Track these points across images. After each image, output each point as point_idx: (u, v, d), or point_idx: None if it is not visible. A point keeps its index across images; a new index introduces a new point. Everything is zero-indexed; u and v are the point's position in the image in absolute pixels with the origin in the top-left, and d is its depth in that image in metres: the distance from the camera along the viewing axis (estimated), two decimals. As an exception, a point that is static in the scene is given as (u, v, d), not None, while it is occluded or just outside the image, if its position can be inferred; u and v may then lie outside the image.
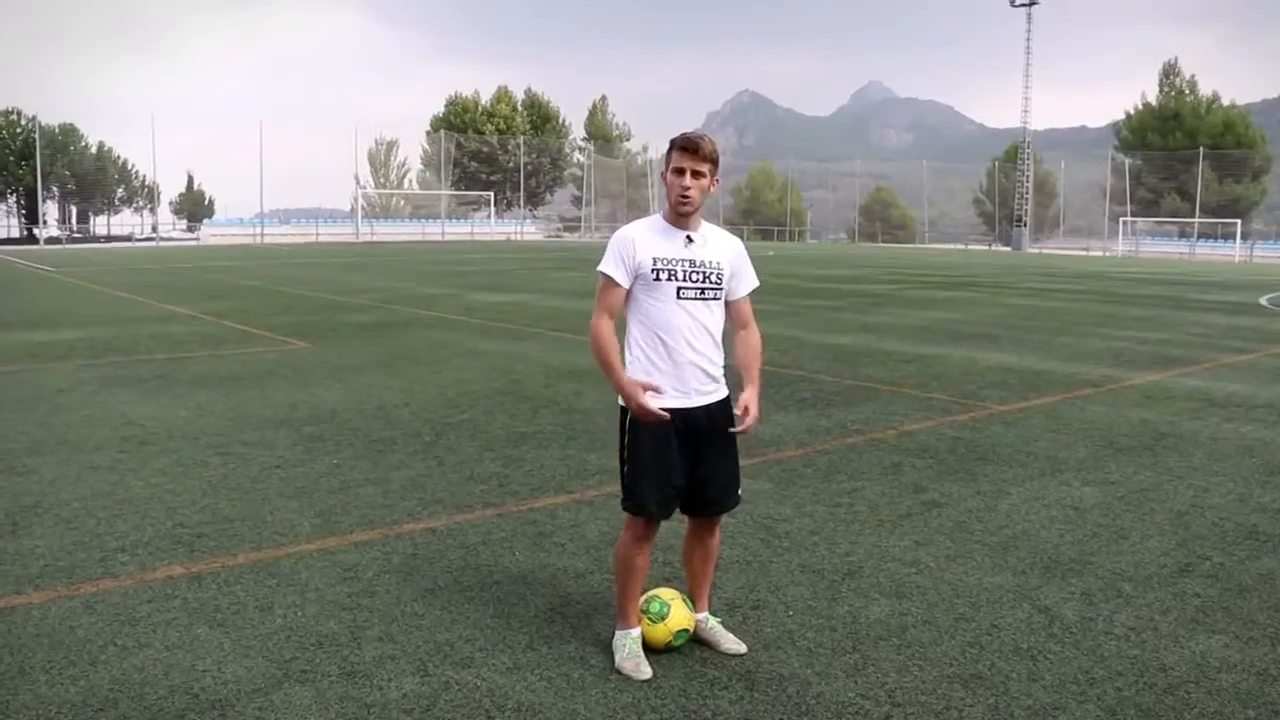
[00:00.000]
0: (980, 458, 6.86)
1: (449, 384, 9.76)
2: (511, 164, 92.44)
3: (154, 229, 71.31)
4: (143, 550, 4.92)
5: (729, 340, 3.81)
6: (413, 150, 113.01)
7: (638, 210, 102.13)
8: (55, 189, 75.06)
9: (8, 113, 73.63)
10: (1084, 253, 65.93)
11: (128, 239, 68.81)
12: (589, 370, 9.70)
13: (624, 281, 3.58)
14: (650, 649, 3.74)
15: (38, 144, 64.65)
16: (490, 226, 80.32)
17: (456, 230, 75.56)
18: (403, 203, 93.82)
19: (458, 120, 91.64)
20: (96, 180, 77.96)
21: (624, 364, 3.63)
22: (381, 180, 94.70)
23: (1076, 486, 6.16)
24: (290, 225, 75.57)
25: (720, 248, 3.71)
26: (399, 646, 3.85)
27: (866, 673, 3.63)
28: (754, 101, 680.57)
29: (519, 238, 76.43)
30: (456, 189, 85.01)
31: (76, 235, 72.69)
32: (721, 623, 3.93)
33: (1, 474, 6.32)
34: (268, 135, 77.12)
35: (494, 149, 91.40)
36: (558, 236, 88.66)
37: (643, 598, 3.81)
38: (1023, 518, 5.51)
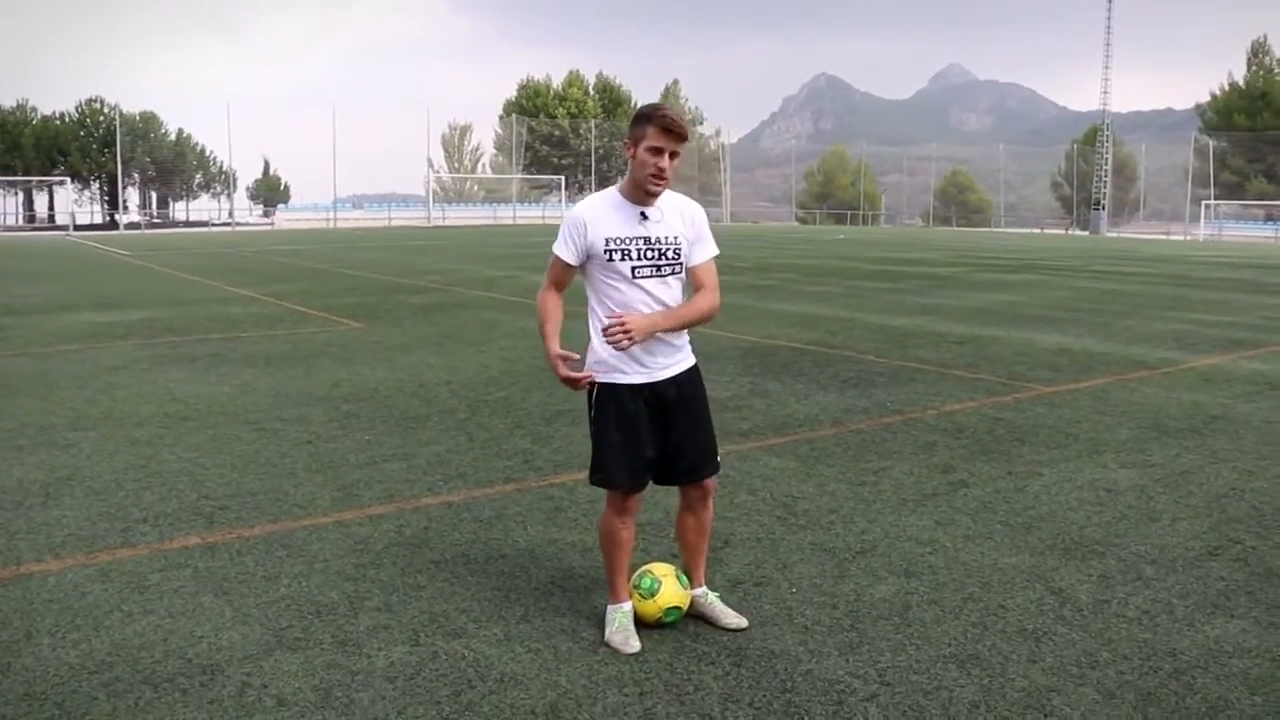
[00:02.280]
0: (1018, 439, 6.67)
1: (493, 362, 9.80)
2: (583, 148, 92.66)
3: (230, 214, 72.91)
4: (164, 521, 5.01)
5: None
6: (485, 135, 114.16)
7: (711, 195, 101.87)
8: (136, 175, 77.18)
9: (91, 101, 75.86)
10: (1164, 236, 64.05)
11: (204, 224, 70.48)
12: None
13: (573, 261, 3.56)
14: (643, 624, 3.70)
15: (118, 132, 66.53)
16: (561, 210, 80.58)
17: (528, 214, 76.06)
18: (475, 187, 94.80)
19: (529, 104, 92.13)
20: (175, 167, 80.00)
21: (590, 340, 3.62)
22: (455, 165, 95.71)
23: (1113, 469, 5.95)
24: (363, 210, 76.73)
25: (677, 221, 3.60)
26: (394, 616, 3.86)
27: (860, 651, 3.54)
28: (831, 85, 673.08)
29: (589, 222, 76.42)
30: (528, 173, 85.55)
31: (156, 221, 74.70)
32: (720, 598, 3.87)
33: (44, 447, 6.50)
34: (343, 121, 78.30)
35: (565, 133, 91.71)
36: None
37: (636, 573, 3.76)
38: (1051, 499, 5.34)
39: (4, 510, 5.21)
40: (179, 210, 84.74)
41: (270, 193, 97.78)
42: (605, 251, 3.48)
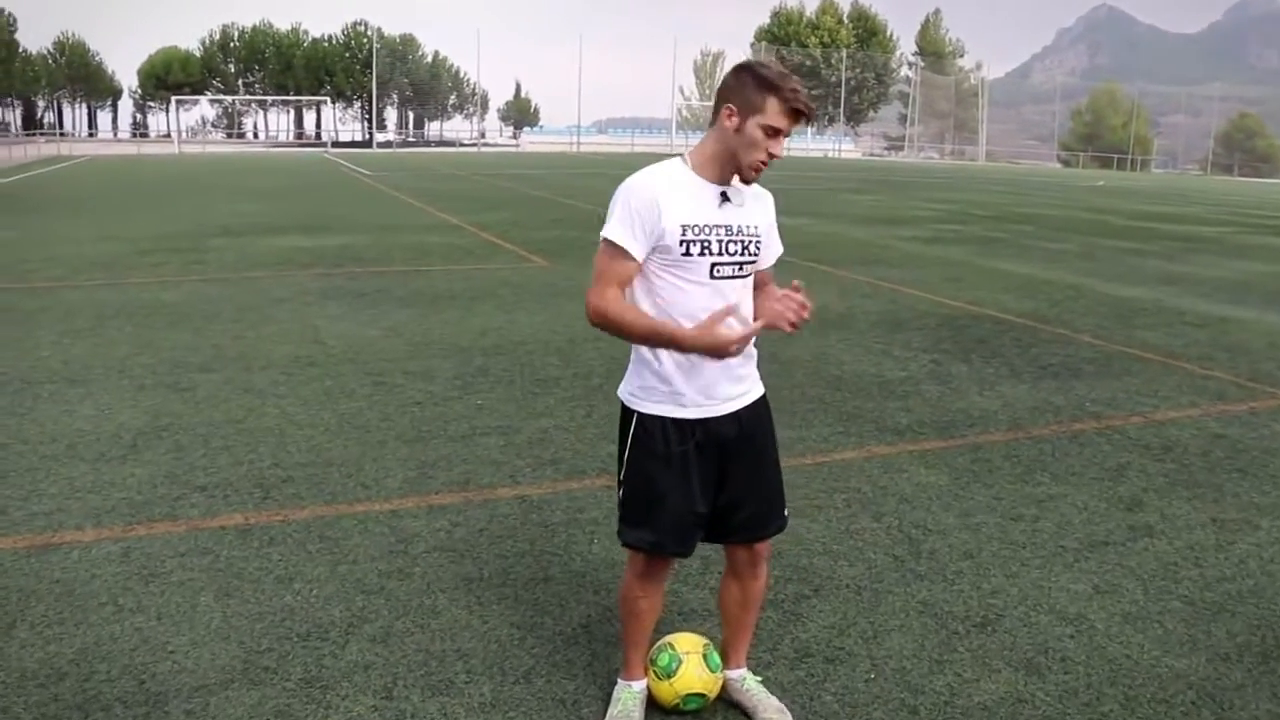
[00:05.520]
0: (1239, 468, 5.37)
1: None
2: (834, 79, 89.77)
3: (482, 135, 75.40)
4: (220, 492, 4.67)
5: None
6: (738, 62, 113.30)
7: (966, 133, 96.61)
8: (395, 95, 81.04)
9: (356, 24, 79.92)
10: None
11: (452, 144, 73.20)
12: (824, 312, 8.69)
13: (639, 254, 2.59)
14: (657, 708, 2.96)
15: (374, 53, 69.74)
16: (807, 142, 78.61)
17: (773, 145, 74.75)
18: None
19: (781, 32, 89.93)
20: (431, 88, 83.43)
21: (629, 371, 2.79)
22: (706, 91, 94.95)
23: (1364, 526, 4.63)
24: (606, 135, 77.54)
25: (757, 208, 2.73)
26: (386, 652, 3.29)
27: (927, 790, 2.67)
28: (1111, 17, 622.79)
29: (836, 154, 74.29)
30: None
31: (411, 140, 78.24)
32: (767, 681, 3.07)
33: (163, 389, 6.39)
34: (591, 47, 78.98)
35: (816, 63, 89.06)
36: (878, 156, 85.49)
37: (657, 644, 3.02)
38: (1263, 567, 4.14)
39: (83, 462, 5.05)
40: (433, 130, 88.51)
41: (520, 114, 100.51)
42: (681, 243, 2.58)
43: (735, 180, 2.65)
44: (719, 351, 2.53)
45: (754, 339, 2.68)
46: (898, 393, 6.75)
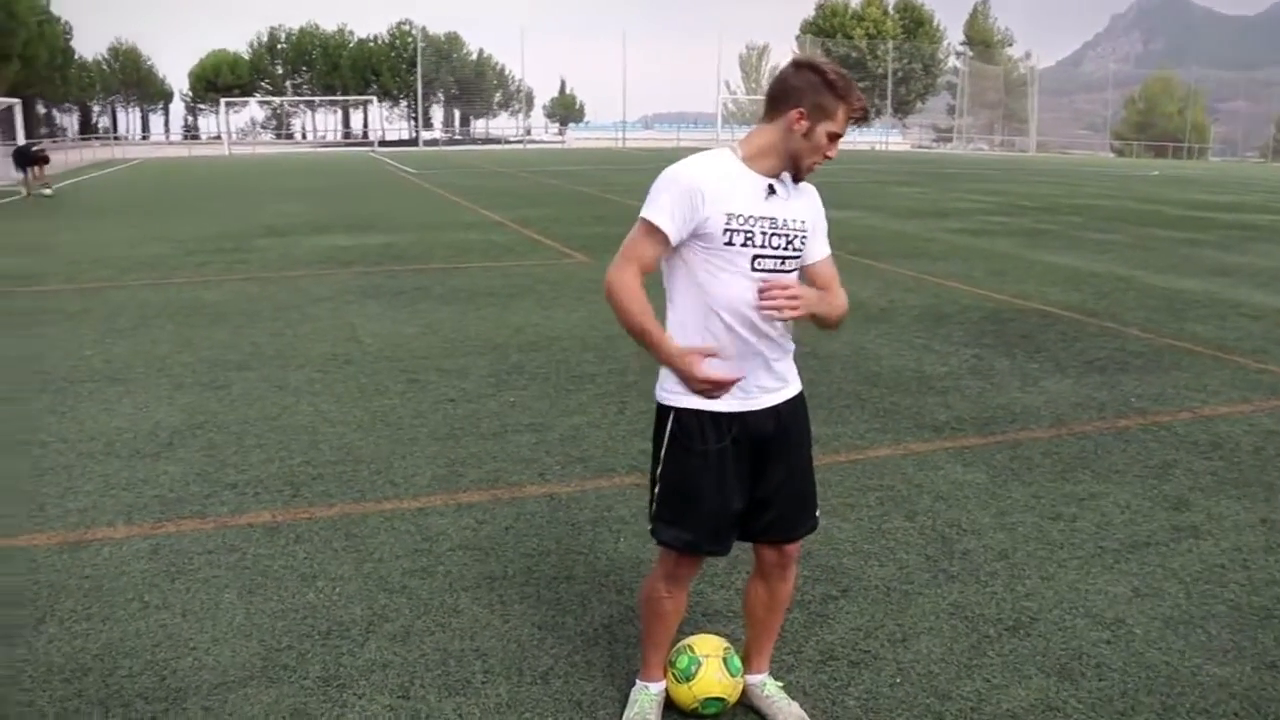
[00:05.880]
0: (1292, 466, 5.20)
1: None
2: (880, 70, 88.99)
3: (528, 131, 75.66)
4: (250, 489, 4.70)
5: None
6: (783, 56, 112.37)
7: (1016, 123, 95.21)
8: (440, 94, 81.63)
9: (401, 24, 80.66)
10: None
11: (498, 142, 73.56)
12: (865, 306, 8.54)
13: (674, 236, 2.56)
14: (675, 710, 2.91)
15: (419, 52, 70.29)
16: (854, 135, 77.87)
17: (820, 139, 74.17)
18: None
19: (826, 25, 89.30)
20: (476, 86, 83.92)
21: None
22: (753, 86, 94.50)
23: None
24: (652, 130, 77.48)
25: (802, 202, 2.68)
26: (405, 651, 3.27)
27: (950, 799, 2.59)
28: (1167, 2, 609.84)
29: (883, 147, 73.59)
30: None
31: (457, 138, 78.76)
32: (785, 687, 3.00)
33: (200, 388, 6.45)
34: (635, 42, 78.97)
35: (862, 54, 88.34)
36: (926, 148, 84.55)
37: (676, 646, 2.96)
38: (1314, 568, 3.99)
39: (118, 459, 5.11)
40: (479, 128, 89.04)
41: (566, 111, 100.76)
42: (725, 232, 2.54)
43: (784, 174, 2.60)
44: (687, 380, 2.54)
45: (789, 331, 2.68)
46: (937, 388, 6.62)
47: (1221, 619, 3.56)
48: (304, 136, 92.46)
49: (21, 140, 31.62)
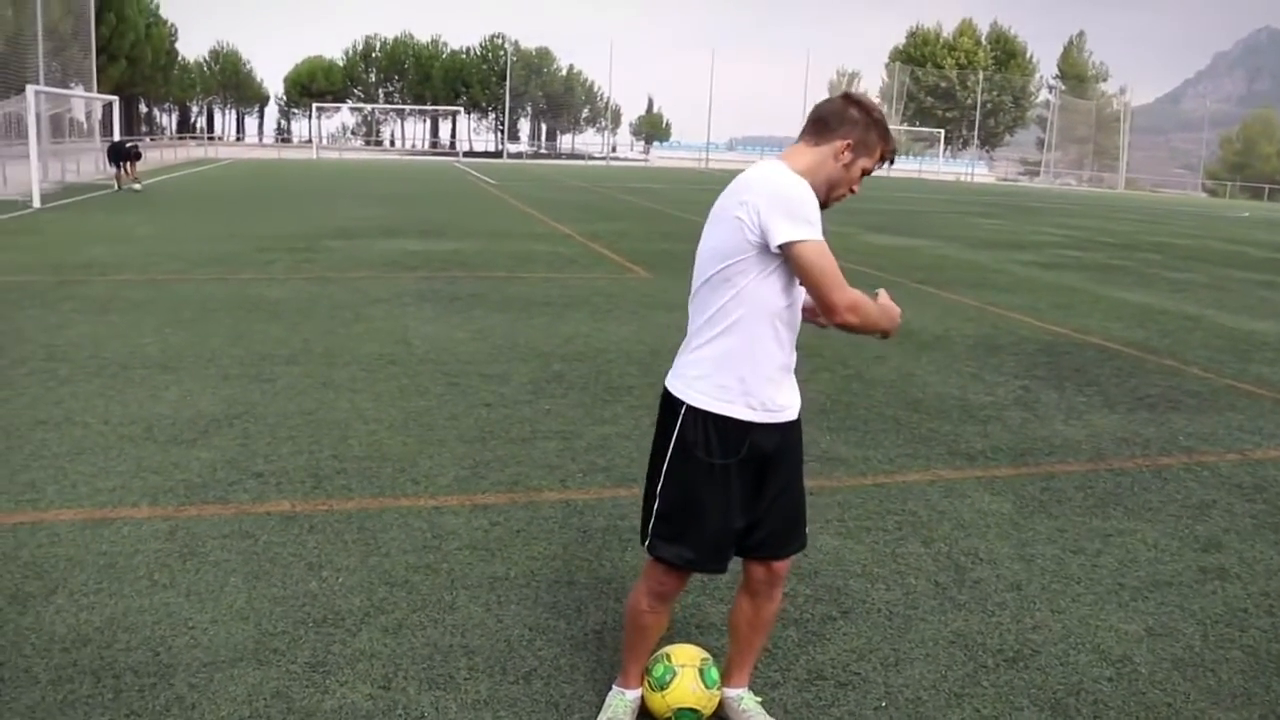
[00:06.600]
0: (1339, 515, 4.99)
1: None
2: (969, 101, 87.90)
3: (613, 149, 76.18)
4: (274, 479, 4.79)
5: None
6: (873, 83, 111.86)
7: (1107, 160, 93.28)
8: (529, 108, 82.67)
9: (494, 37, 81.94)
10: None
11: (582, 157, 74.19)
12: (918, 334, 8.42)
13: None
14: (650, 718, 2.89)
15: (508, 65, 71.33)
16: (939, 165, 77.14)
17: (903, 167, 73.42)
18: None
19: (917, 53, 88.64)
20: (565, 101, 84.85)
21: (697, 369, 2.62)
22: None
23: None
24: (735, 152, 77.50)
25: None
26: (395, 643, 3.31)
27: (914, 826, 2.53)
28: (1273, 40, 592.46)
29: (969, 179, 72.62)
30: (910, 124, 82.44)
31: (542, 152, 79.65)
32: (764, 703, 2.97)
33: (246, 380, 6.60)
34: (724, 63, 79.23)
35: (952, 84, 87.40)
36: (1012, 180, 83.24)
37: (655, 653, 2.94)
38: (1343, 620, 3.82)
39: (155, 443, 5.26)
40: (565, 143, 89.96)
41: (653, 129, 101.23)
42: None
43: None
44: (894, 321, 2.64)
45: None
46: (978, 417, 6.50)
47: (1235, 664, 3.43)
48: (392, 144, 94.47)
49: (118, 136, 32.79)
